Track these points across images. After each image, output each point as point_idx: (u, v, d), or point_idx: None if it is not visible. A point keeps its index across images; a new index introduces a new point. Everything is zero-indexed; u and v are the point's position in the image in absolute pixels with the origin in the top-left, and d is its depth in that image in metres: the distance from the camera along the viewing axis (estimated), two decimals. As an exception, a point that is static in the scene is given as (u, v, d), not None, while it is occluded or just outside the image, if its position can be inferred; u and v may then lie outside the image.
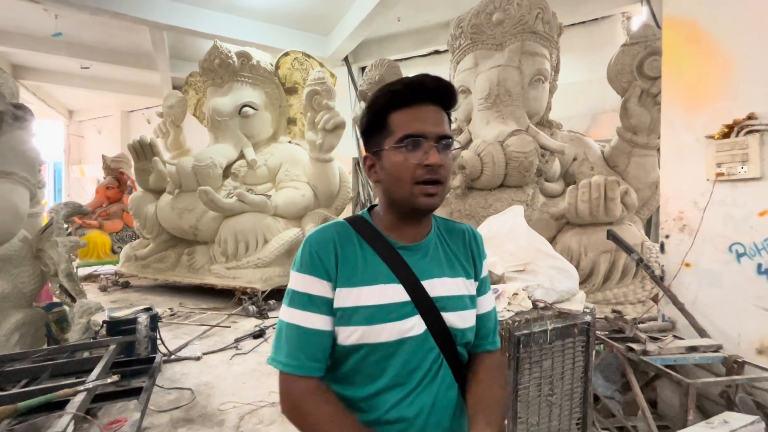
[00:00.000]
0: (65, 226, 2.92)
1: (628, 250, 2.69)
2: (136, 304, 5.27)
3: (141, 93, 10.73)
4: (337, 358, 0.78)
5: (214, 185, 5.39)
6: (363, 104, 5.05)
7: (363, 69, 8.42)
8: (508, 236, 1.76)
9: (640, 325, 2.21)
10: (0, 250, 2.57)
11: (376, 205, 0.86)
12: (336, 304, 0.76)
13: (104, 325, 2.77)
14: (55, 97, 11.93)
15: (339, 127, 5.53)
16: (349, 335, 0.75)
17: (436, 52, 7.58)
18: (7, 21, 7.25)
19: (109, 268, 6.80)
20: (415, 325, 0.78)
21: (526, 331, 1.45)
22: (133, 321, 2.84)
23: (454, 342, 0.81)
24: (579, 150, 4.40)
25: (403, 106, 0.76)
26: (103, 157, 7.90)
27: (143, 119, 11.90)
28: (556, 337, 1.51)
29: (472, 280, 0.85)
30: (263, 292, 4.90)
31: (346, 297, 0.76)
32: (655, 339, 2.03)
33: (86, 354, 2.43)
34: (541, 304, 1.55)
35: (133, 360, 2.43)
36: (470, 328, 0.83)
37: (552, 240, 3.76)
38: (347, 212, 7.63)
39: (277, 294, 4.98)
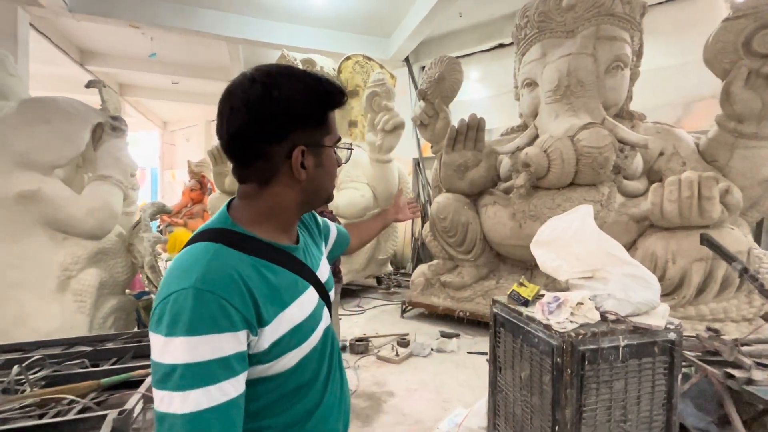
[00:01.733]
0: (155, 222, 3.28)
1: (728, 257, 2.29)
2: None
3: (221, 103, 11.74)
4: (254, 394, 0.65)
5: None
6: (422, 103, 4.98)
7: (424, 68, 8.34)
8: (574, 238, 1.58)
9: (744, 348, 1.86)
10: (99, 244, 2.94)
11: (225, 214, 0.73)
12: (266, 342, 0.63)
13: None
14: (152, 110, 13.56)
15: (398, 127, 5.51)
16: (288, 360, 0.67)
17: (501, 45, 7.24)
18: (114, 46, 8.40)
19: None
20: (325, 317, 0.78)
21: (592, 347, 1.28)
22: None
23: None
24: (667, 143, 3.88)
25: (334, 108, 0.72)
26: (188, 162, 8.78)
27: (223, 127, 13.01)
28: (630, 355, 1.32)
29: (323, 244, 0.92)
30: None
31: (278, 326, 0.65)
32: (764, 366, 1.69)
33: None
34: (612, 317, 1.36)
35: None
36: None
37: (632, 244, 3.36)
38: (407, 213, 7.61)
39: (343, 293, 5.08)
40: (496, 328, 1.76)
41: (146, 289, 3.54)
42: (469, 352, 3.46)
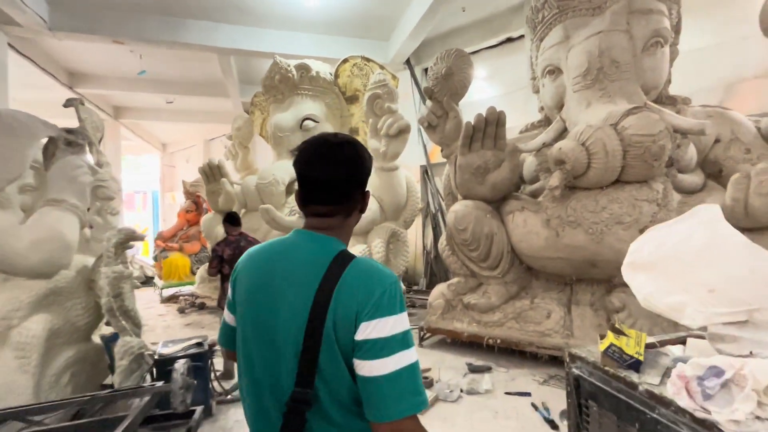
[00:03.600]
0: (135, 249, 2.74)
1: None
2: (207, 327, 5.20)
3: (218, 121, 11.40)
4: None
5: (277, 203, 5.17)
6: (429, 103, 4.45)
7: (426, 70, 7.87)
8: (701, 258, 1.00)
9: None
10: (49, 283, 2.41)
11: (335, 241, 0.86)
12: None
13: (155, 365, 2.48)
14: (150, 132, 13.27)
15: (404, 131, 5.00)
16: None
17: (509, 39, 6.74)
18: (103, 66, 8.07)
19: (189, 289, 7.01)
20: None
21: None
22: (184, 358, 2.52)
23: None
24: (723, 129, 3.29)
25: None
26: (183, 182, 8.34)
27: (221, 146, 12.67)
28: None
29: None
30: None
31: None
32: None
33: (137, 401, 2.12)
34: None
35: (172, 413, 2.05)
36: None
37: None
38: (417, 225, 7.04)
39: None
40: (580, 398, 1.16)
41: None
42: (507, 393, 2.83)
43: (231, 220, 3.73)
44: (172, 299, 6.86)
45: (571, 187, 3.13)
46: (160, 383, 2.01)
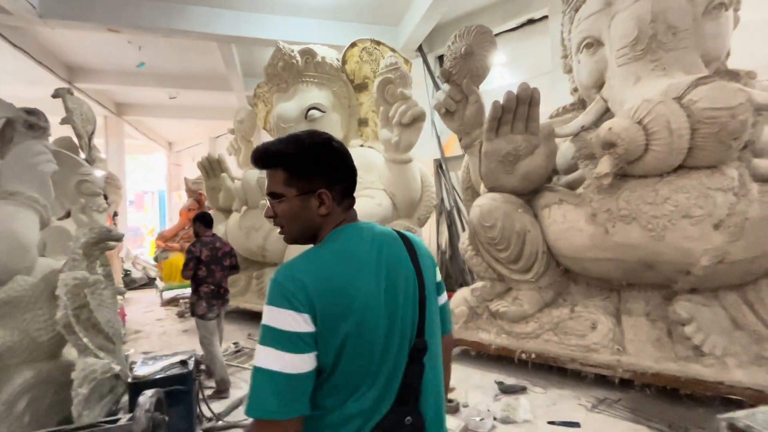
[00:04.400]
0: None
1: None
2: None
3: (224, 117, 11.06)
4: None
5: (280, 199, 4.75)
6: (446, 87, 3.98)
7: (440, 58, 7.39)
8: None
9: None
10: (2, 292, 2.01)
11: None
12: None
13: (129, 388, 2.07)
14: (155, 130, 13.02)
15: (418, 119, 4.53)
16: None
17: (530, 21, 6.22)
18: (102, 59, 7.76)
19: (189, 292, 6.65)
20: None
21: None
22: (163, 382, 2.10)
23: None
24: (802, 105, 2.75)
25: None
26: (185, 179, 8.01)
27: (227, 142, 12.36)
28: None
29: None
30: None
31: None
32: None
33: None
34: None
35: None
36: None
37: None
38: (431, 223, 6.58)
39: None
40: None
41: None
42: (551, 423, 2.35)
43: (204, 220, 3.48)
44: (172, 302, 6.51)
45: (622, 176, 2.63)
46: (121, 420, 1.59)
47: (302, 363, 0.75)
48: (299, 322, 0.76)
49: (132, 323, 5.26)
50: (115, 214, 6.65)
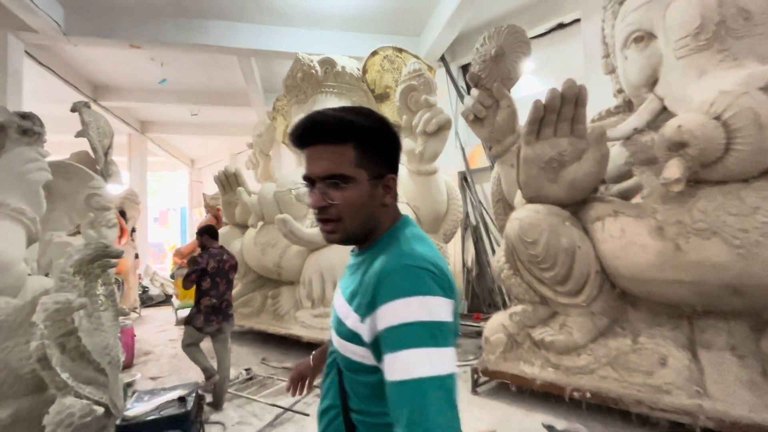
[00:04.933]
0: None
1: None
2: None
3: (244, 133, 11.09)
4: None
5: (297, 213, 4.50)
6: (475, 91, 3.68)
7: (464, 67, 7.14)
8: None
9: None
10: (-23, 316, 1.76)
11: None
12: None
13: None
14: (178, 147, 13.21)
15: (443, 127, 4.24)
16: None
17: (560, 26, 5.90)
18: (126, 77, 7.87)
19: (205, 310, 6.41)
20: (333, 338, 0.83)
21: None
22: (156, 424, 1.79)
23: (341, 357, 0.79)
24: None
25: (302, 146, 0.76)
26: (204, 195, 7.92)
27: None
28: None
29: (357, 316, 0.73)
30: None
31: None
32: None
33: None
34: None
35: None
36: (346, 358, 0.77)
37: None
38: (456, 238, 6.20)
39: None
40: None
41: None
42: (622, 487, 1.91)
43: (211, 232, 3.38)
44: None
45: (696, 181, 2.23)
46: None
47: (455, 360, 0.65)
48: (449, 312, 0.68)
49: (143, 344, 5.03)
50: (133, 230, 6.56)
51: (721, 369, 2.21)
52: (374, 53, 5.19)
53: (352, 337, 0.74)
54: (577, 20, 5.56)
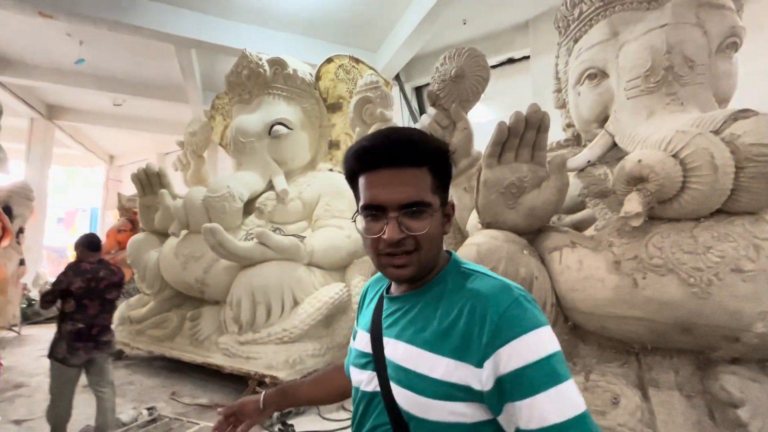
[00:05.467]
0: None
1: None
2: (118, 388, 3.72)
3: (176, 132, 10.08)
4: None
5: (231, 223, 3.98)
6: (432, 110, 3.57)
7: (418, 89, 7.18)
8: None
9: None
10: None
11: None
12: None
13: None
14: (94, 140, 11.68)
15: (398, 144, 4.05)
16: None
17: (510, 60, 6.17)
18: (34, 52, 6.75)
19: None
20: (366, 380, 0.75)
21: None
22: None
23: (406, 427, 0.67)
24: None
25: (367, 170, 0.71)
26: (119, 195, 6.92)
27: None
28: None
29: (464, 363, 0.63)
30: (289, 384, 3.21)
31: (356, 336, 0.86)
32: None
33: None
34: None
35: None
36: (433, 423, 0.64)
37: None
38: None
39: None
40: None
41: None
42: None
43: (89, 243, 2.83)
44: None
45: (648, 218, 2.23)
46: None
47: None
48: None
49: (13, 373, 4.05)
50: (20, 231, 5.43)
51: (670, 409, 2.18)
52: (329, 60, 4.94)
53: (452, 392, 0.64)
54: (527, 57, 5.85)
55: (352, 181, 0.75)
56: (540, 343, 0.60)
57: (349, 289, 3.84)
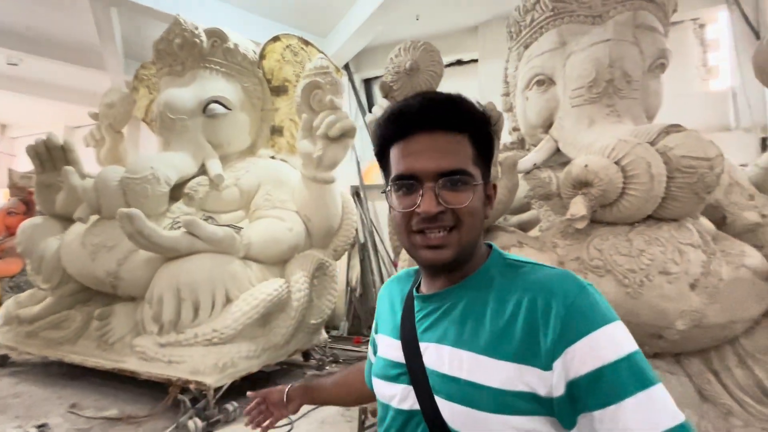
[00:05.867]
0: None
1: None
2: (25, 406, 3.09)
3: (89, 102, 8.80)
4: None
5: (154, 209, 3.51)
6: (384, 102, 3.46)
7: (367, 81, 7.02)
8: None
9: None
10: None
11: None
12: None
13: None
14: (-20, 104, 9.81)
15: (347, 134, 3.91)
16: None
17: (459, 62, 6.28)
18: None
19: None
20: (400, 396, 0.64)
21: None
22: None
23: None
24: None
25: (401, 136, 0.63)
26: (10, 172, 5.86)
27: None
28: None
29: (538, 369, 0.53)
30: (217, 390, 2.90)
31: (378, 344, 0.76)
32: None
33: None
34: None
35: None
36: None
37: (765, 317, 2.12)
38: (344, 255, 5.83)
39: (240, 390, 2.98)
40: None
41: None
42: None
43: None
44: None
45: (592, 220, 2.33)
46: None
47: None
48: None
49: None
50: None
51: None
52: (276, 39, 4.60)
53: (515, 403, 0.53)
54: (475, 60, 5.99)
55: (382, 155, 0.66)
56: (619, 338, 0.51)
57: (289, 286, 3.59)
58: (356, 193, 6.40)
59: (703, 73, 5.18)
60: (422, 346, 0.63)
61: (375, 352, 0.80)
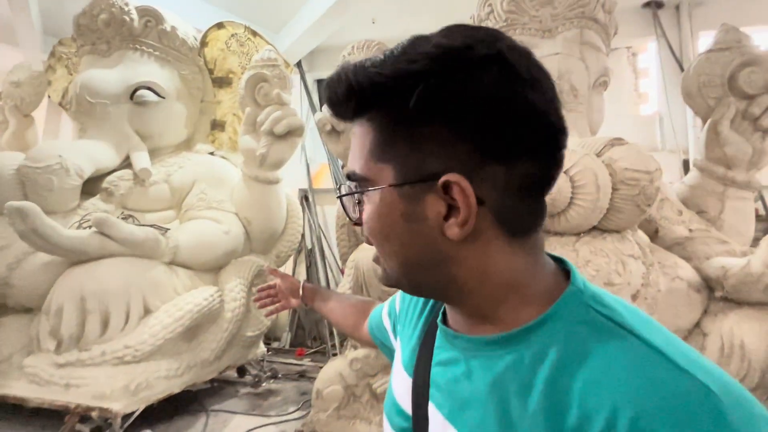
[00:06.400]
0: None
1: None
2: None
3: (-4, 83, 7.71)
4: None
5: (60, 205, 3.01)
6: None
7: (320, 81, 6.79)
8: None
9: None
10: None
11: None
12: None
13: None
14: None
15: (294, 133, 3.67)
16: None
17: (414, 69, 6.27)
18: None
19: None
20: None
21: None
22: None
23: None
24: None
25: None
26: None
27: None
28: None
29: None
30: (127, 417, 2.48)
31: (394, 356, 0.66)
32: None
33: None
34: None
35: None
36: None
37: (696, 326, 2.19)
38: (289, 261, 5.51)
39: (159, 416, 2.58)
40: None
41: None
42: None
43: None
44: None
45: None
46: None
47: None
48: None
49: None
50: None
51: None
52: (220, 26, 4.25)
53: None
54: (429, 69, 6.02)
55: None
56: None
57: (223, 295, 3.24)
58: (305, 197, 6.11)
59: (635, 97, 5.60)
60: (430, 411, 0.48)
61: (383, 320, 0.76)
